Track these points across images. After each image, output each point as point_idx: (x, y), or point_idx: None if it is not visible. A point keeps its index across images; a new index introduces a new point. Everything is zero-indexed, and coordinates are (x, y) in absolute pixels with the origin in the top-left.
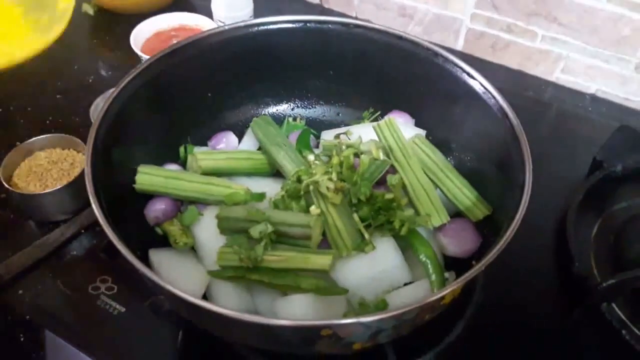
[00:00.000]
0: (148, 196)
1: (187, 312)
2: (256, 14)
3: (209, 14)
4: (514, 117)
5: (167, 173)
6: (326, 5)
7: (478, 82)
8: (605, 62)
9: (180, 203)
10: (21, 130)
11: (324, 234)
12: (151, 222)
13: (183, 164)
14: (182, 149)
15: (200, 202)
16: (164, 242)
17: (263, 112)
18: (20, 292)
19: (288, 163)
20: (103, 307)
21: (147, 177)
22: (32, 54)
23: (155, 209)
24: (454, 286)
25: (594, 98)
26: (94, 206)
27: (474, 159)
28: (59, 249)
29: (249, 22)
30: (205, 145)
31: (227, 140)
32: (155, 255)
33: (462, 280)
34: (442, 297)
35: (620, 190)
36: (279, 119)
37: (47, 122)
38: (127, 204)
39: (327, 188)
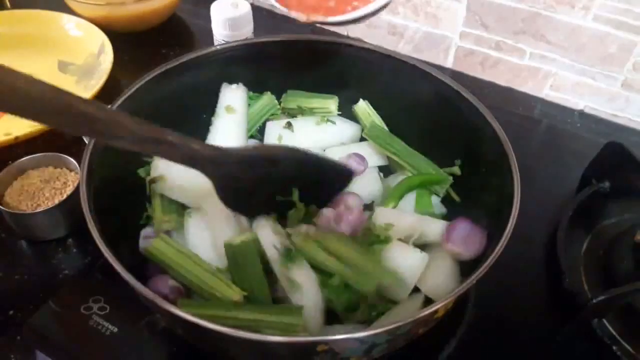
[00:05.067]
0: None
1: (183, 330)
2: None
3: (203, 32)
4: (501, 132)
5: (178, 254)
6: (318, 24)
7: (466, 99)
8: (593, 79)
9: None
10: (13, 149)
11: None
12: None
13: None
14: None
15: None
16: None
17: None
18: (11, 312)
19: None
20: (95, 328)
21: (158, 254)
22: None
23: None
24: (446, 300)
25: (582, 114)
26: (89, 226)
27: (464, 175)
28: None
29: (247, 41)
30: None
31: None
32: None
33: (454, 295)
34: (435, 311)
35: (609, 206)
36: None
37: (39, 140)
38: (120, 223)
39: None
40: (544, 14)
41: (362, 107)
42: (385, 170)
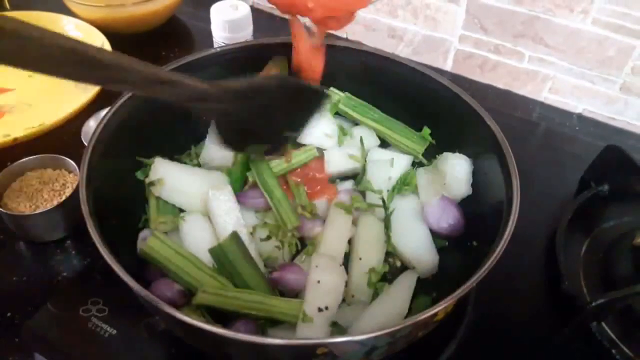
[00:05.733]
0: (140, 222)
1: (183, 332)
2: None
3: (202, 34)
4: (501, 135)
5: (174, 252)
6: None
7: (466, 102)
8: (591, 82)
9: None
10: (11, 150)
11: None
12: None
13: None
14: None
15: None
16: None
17: None
18: (9, 314)
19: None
20: (94, 330)
21: (153, 253)
22: (79, 108)
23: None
24: (446, 303)
25: (580, 117)
26: (89, 228)
27: None
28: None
29: (247, 43)
30: None
31: None
32: None
33: (455, 297)
34: (435, 314)
35: (608, 209)
36: None
37: (38, 142)
38: (119, 225)
39: None
40: (542, 17)
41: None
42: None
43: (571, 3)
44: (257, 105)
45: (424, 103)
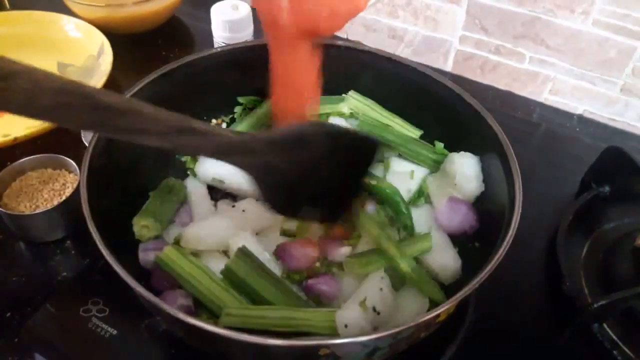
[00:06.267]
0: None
1: (185, 333)
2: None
3: (202, 35)
4: (503, 136)
5: (190, 264)
6: None
7: (468, 104)
8: (592, 83)
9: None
10: (12, 150)
11: None
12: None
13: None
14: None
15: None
16: None
17: None
18: (9, 314)
19: None
20: (95, 330)
21: (170, 262)
22: None
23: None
24: (449, 304)
25: (581, 119)
26: (90, 228)
27: None
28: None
29: (248, 44)
30: None
31: None
32: None
33: (457, 298)
34: (438, 315)
35: (608, 210)
36: None
37: (38, 142)
38: (119, 225)
39: None
40: (543, 18)
41: (353, 100)
42: None
43: (572, 4)
44: (301, 158)
45: (424, 104)
